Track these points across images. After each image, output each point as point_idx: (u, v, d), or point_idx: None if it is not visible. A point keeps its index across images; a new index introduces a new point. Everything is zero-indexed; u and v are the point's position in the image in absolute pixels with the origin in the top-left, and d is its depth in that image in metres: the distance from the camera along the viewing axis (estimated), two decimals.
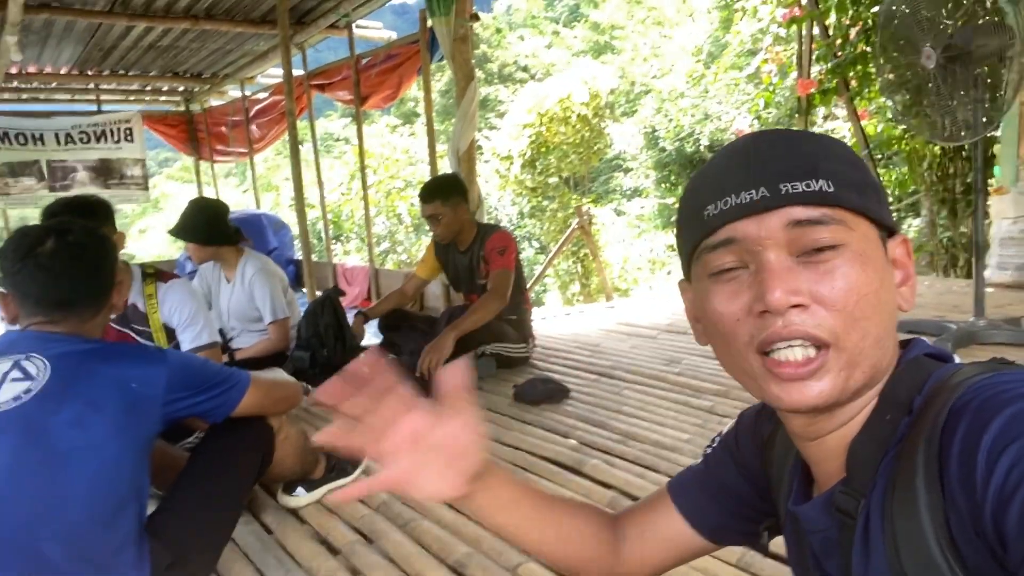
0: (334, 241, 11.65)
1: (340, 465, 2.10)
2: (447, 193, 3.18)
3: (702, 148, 12.70)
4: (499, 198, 12.59)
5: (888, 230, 0.64)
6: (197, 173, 9.48)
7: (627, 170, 14.74)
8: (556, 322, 4.58)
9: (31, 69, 7.29)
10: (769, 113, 7.17)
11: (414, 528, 1.85)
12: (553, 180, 10.67)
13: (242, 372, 1.58)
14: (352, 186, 11.04)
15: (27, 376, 1.28)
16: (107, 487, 1.28)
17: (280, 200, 15.37)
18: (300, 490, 2.00)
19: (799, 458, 0.72)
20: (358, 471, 2.14)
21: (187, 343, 2.39)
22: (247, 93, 8.13)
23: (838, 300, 0.58)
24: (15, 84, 7.65)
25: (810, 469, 0.70)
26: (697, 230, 0.63)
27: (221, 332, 3.26)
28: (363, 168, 6.00)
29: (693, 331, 0.70)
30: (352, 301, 6.17)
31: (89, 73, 7.68)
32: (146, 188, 8.80)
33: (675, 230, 0.71)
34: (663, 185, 13.76)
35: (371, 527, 1.87)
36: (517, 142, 10.49)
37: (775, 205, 0.58)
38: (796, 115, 6.01)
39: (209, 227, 3.06)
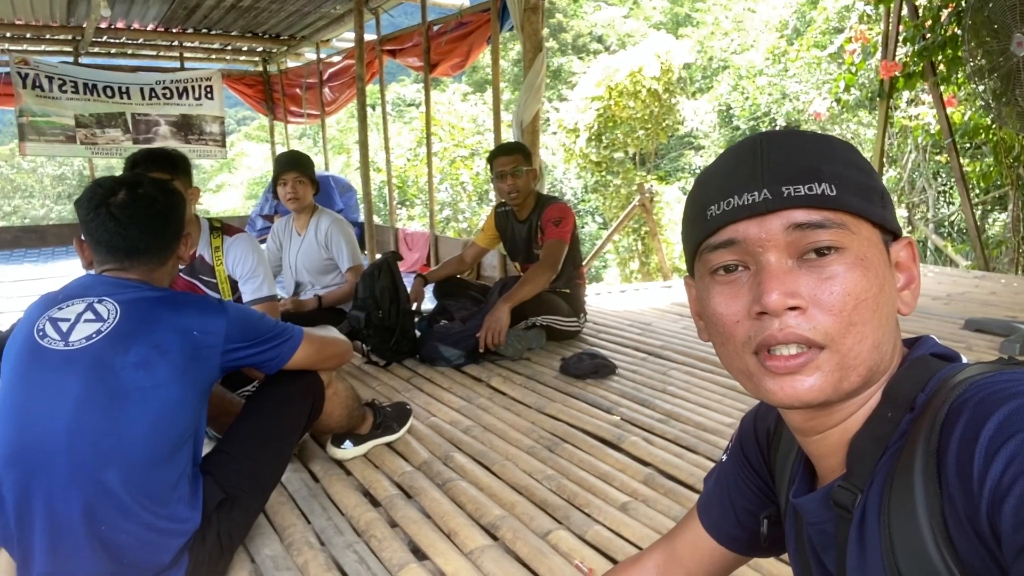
0: (399, 206, 11.84)
1: (387, 423, 2.18)
2: (528, 154, 3.26)
3: (778, 129, 12.30)
4: (564, 171, 12.51)
5: (892, 234, 0.64)
6: (271, 133, 9.74)
7: (699, 148, 14.41)
8: (611, 298, 4.57)
9: (119, 25, 7.59)
10: (850, 95, 6.87)
11: (452, 487, 1.91)
12: (618, 155, 10.52)
13: (296, 328, 1.63)
14: (419, 152, 11.15)
15: (99, 318, 1.37)
16: (167, 426, 1.36)
17: (351, 163, 15.64)
18: (348, 443, 2.09)
19: (802, 452, 0.73)
20: (403, 430, 2.23)
21: (248, 294, 2.50)
22: (322, 56, 8.28)
23: (835, 304, 0.58)
24: (104, 39, 7.97)
25: (812, 464, 0.71)
26: (700, 229, 0.64)
27: (297, 284, 3.41)
28: (428, 135, 6.07)
29: (696, 327, 0.72)
30: (411, 266, 6.29)
31: (174, 31, 7.95)
32: (223, 145, 9.08)
33: (680, 227, 0.72)
34: None
35: (411, 483, 1.95)
36: (584, 115, 10.36)
37: (777, 207, 0.59)
38: (878, 98, 5.75)
39: (313, 169, 3.30)
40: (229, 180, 21.51)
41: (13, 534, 1.32)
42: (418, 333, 3.18)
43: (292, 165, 3.27)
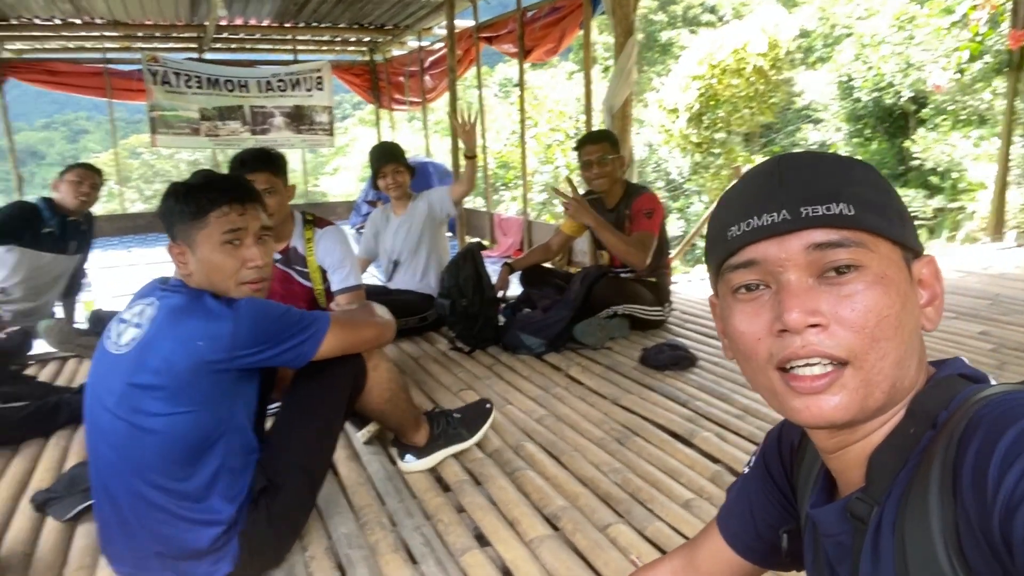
0: (503, 189, 11.96)
1: (452, 431, 2.10)
2: (615, 141, 3.26)
3: (903, 100, 11.47)
4: (669, 151, 12.19)
5: (913, 251, 0.64)
6: (377, 119, 10.08)
7: (817, 121, 13.61)
8: (703, 286, 4.48)
9: (238, 21, 8.05)
10: (975, 64, 6.31)
11: (519, 476, 1.97)
12: (719, 135, 10.14)
13: (323, 318, 1.57)
14: (518, 135, 11.22)
15: (140, 324, 1.42)
16: (181, 440, 1.39)
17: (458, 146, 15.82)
18: (409, 457, 2.03)
19: (823, 466, 0.73)
20: (475, 437, 2.16)
21: (336, 283, 2.63)
22: (423, 44, 8.46)
23: (857, 320, 0.59)
24: (225, 35, 8.48)
25: (833, 477, 0.72)
26: (721, 250, 0.65)
27: (394, 265, 3.59)
28: (523, 120, 6.12)
29: (722, 345, 0.73)
30: (505, 251, 6.38)
31: (287, 26, 8.35)
32: (331, 133, 9.49)
33: (703, 250, 0.73)
34: (854, 140, 12.62)
35: (481, 470, 2.02)
36: (685, 95, 10.05)
37: (796, 228, 0.60)
38: (1006, 70, 5.28)
39: (406, 157, 3.53)
40: (344, 164, 22.36)
41: (101, 513, 1.50)
42: (502, 320, 3.25)
43: (389, 157, 3.43)
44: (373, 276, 3.78)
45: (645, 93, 13.37)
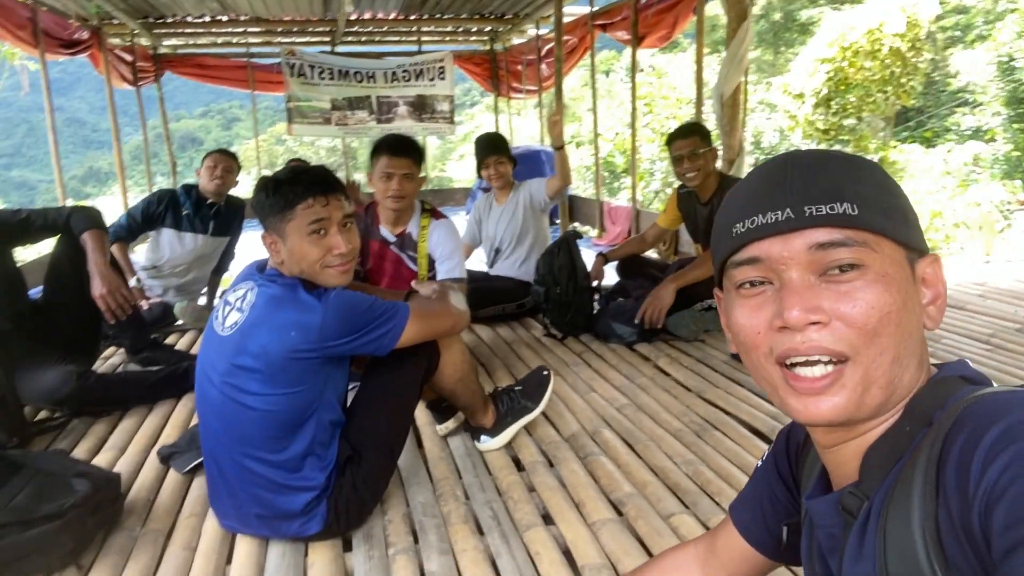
0: (623, 175, 11.85)
1: (517, 405, 2.18)
2: (706, 134, 3.19)
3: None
4: (791, 136, 11.58)
5: (918, 251, 0.64)
6: (496, 107, 10.27)
7: (974, 104, 12.47)
8: None
9: (367, 16, 8.44)
10: None
11: (591, 461, 2.02)
12: (850, 121, 9.50)
13: (402, 309, 1.67)
14: (637, 124, 11.05)
15: (242, 308, 1.57)
16: (278, 418, 1.54)
17: (580, 132, 15.77)
18: (484, 437, 2.13)
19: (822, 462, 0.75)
20: (540, 406, 2.22)
21: (443, 273, 2.76)
22: (541, 33, 8.53)
23: (858, 317, 0.61)
24: (355, 29, 8.91)
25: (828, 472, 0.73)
26: (726, 246, 0.68)
27: (496, 252, 3.72)
28: (634, 108, 6.09)
29: (727, 338, 0.75)
30: (613, 239, 6.37)
31: (412, 18, 8.67)
32: (452, 122, 9.75)
33: (711, 242, 0.76)
34: (1015, 125, 11.49)
35: (555, 452, 2.09)
36: (812, 79, 9.50)
37: (799, 227, 0.62)
38: None
39: (509, 148, 3.69)
40: (469, 151, 22.91)
41: (209, 473, 1.70)
42: (597, 309, 3.29)
43: (492, 149, 3.55)
44: (480, 261, 3.92)
45: (780, 76, 12.78)
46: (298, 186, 1.60)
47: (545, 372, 2.30)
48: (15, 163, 41.68)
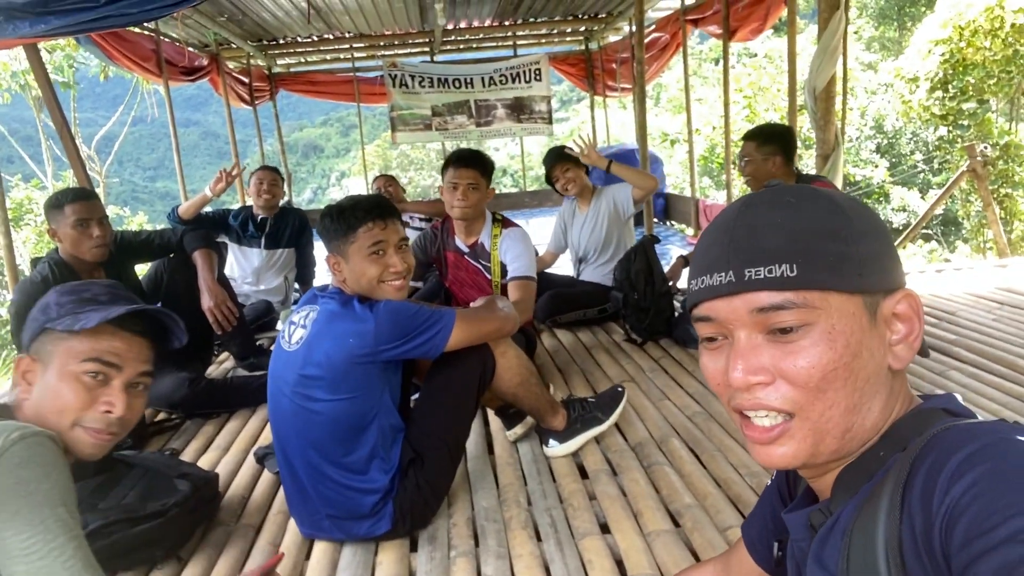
0: (721, 171, 11.53)
1: (589, 415, 2.24)
2: (769, 135, 3.04)
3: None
4: (906, 123, 10.83)
5: (884, 291, 0.64)
6: (591, 105, 10.25)
7: None
8: (920, 279, 4.07)
9: (462, 24, 8.66)
10: None
11: (655, 471, 2.04)
12: (969, 105, 8.75)
13: (448, 314, 1.77)
14: (735, 117, 10.70)
15: (306, 325, 1.73)
16: (343, 421, 1.68)
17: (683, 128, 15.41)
18: (552, 442, 2.19)
19: None
20: (611, 418, 2.27)
21: (511, 271, 2.85)
22: (635, 30, 8.43)
23: (800, 376, 0.63)
24: (452, 38, 9.15)
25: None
26: (690, 299, 0.72)
27: (580, 260, 3.75)
28: (726, 104, 5.94)
29: None
30: None
31: (506, 24, 8.81)
32: (550, 122, 9.84)
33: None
34: None
35: (620, 461, 2.12)
36: (925, 62, 8.83)
37: (740, 290, 0.64)
38: None
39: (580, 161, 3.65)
40: None
41: (284, 481, 1.85)
42: (678, 313, 3.27)
43: (555, 159, 3.58)
44: (566, 267, 3.97)
45: (899, 57, 12.01)
46: (359, 212, 1.75)
47: (620, 389, 2.37)
48: (159, 175, 45.49)
